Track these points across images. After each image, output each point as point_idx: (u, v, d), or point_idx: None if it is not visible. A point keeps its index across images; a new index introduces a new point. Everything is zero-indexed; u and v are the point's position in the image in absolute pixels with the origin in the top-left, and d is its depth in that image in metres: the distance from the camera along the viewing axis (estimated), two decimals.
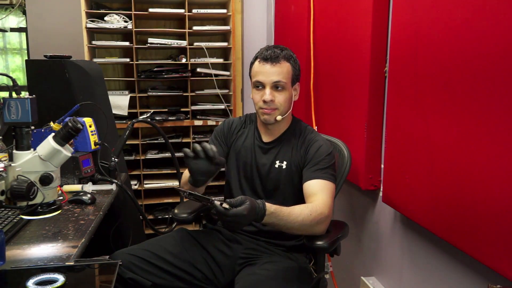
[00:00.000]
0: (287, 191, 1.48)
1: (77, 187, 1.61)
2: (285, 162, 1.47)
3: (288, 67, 1.43)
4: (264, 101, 1.41)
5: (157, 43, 2.81)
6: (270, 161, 1.49)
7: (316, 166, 1.41)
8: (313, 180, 1.39)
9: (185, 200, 1.20)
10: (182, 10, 2.78)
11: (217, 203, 1.12)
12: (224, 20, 3.02)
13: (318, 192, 1.35)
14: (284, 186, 1.48)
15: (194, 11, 2.81)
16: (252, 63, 1.47)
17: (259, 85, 1.43)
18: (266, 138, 1.52)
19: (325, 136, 1.67)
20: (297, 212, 1.25)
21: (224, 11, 2.87)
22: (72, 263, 1.07)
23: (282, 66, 1.41)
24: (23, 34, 3.54)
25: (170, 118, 2.88)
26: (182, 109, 2.94)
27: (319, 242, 1.33)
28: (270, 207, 1.20)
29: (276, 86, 1.41)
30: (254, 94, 1.46)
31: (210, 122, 2.93)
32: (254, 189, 1.52)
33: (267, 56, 1.41)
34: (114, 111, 2.62)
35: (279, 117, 1.43)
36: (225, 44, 2.92)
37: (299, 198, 1.42)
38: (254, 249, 1.44)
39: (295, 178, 1.46)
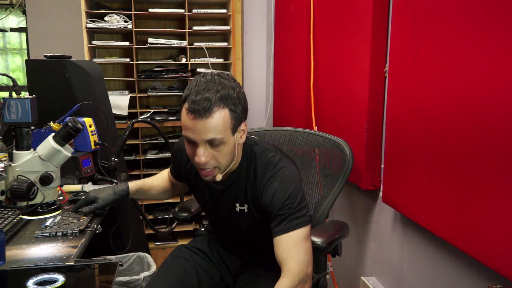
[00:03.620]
0: (258, 232, 1.30)
1: (77, 187, 1.61)
2: (246, 205, 1.26)
3: (225, 115, 1.08)
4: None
5: (157, 43, 2.81)
6: (229, 204, 1.29)
7: (277, 219, 1.17)
8: (277, 238, 1.17)
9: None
10: (182, 10, 2.77)
11: None
12: (224, 20, 3.02)
13: (286, 255, 1.15)
14: (251, 231, 1.32)
15: (194, 11, 2.80)
16: (181, 104, 1.12)
17: (190, 141, 1.13)
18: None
19: (326, 135, 1.66)
20: None
21: (224, 11, 2.87)
22: (72, 263, 1.07)
23: (216, 117, 1.07)
24: (23, 34, 3.54)
25: (170, 118, 2.88)
26: None
27: (317, 242, 1.32)
28: None
29: (211, 143, 1.11)
30: (186, 147, 1.16)
31: None
32: (226, 232, 1.42)
33: (196, 107, 1.06)
34: (114, 111, 2.61)
35: (219, 177, 1.18)
36: (225, 44, 2.92)
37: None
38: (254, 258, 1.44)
39: (260, 221, 1.26)
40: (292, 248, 1.15)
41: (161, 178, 1.56)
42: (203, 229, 1.63)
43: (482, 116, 1.06)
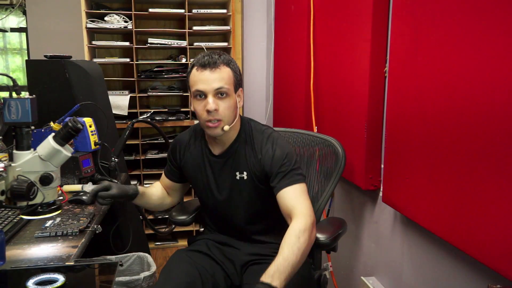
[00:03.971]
0: (258, 201, 1.41)
1: (77, 187, 1.61)
2: (245, 173, 1.38)
3: (229, 72, 1.32)
4: (208, 111, 1.29)
5: (157, 43, 2.81)
6: (231, 175, 1.40)
7: (279, 176, 1.32)
8: (283, 190, 1.30)
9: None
10: (182, 10, 2.78)
11: None
12: (224, 20, 3.02)
13: (295, 202, 1.28)
14: (252, 197, 1.40)
15: (194, 11, 2.81)
16: (189, 72, 1.34)
17: (200, 94, 1.30)
18: (216, 150, 1.42)
19: (320, 135, 1.68)
20: (290, 252, 1.14)
21: (224, 11, 2.87)
22: (72, 263, 1.07)
23: (222, 71, 1.30)
24: (23, 34, 3.54)
25: (170, 118, 2.88)
26: (182, 109, 2.94)
27: (322, 239, 1.34)
28: (270, 273, 1.10)
29: (219, 93, 1.29)
30: (195, 105, 1.33)
31: None
32: (224, 211, 1.44)
33: (205, 62, 1.29)
34: (114, 111, 2.62)
35: (226, 127, 1.32)
36: (225, 44, 2.92)
37: (272, 204, 1.36)
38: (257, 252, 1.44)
39: (260, 186, 1.38)
40: (299, 196, 1.29)
41: (157, 186, 1.61)
42: (202, 229, 1.63)
43: (482, 115, 1.06)
